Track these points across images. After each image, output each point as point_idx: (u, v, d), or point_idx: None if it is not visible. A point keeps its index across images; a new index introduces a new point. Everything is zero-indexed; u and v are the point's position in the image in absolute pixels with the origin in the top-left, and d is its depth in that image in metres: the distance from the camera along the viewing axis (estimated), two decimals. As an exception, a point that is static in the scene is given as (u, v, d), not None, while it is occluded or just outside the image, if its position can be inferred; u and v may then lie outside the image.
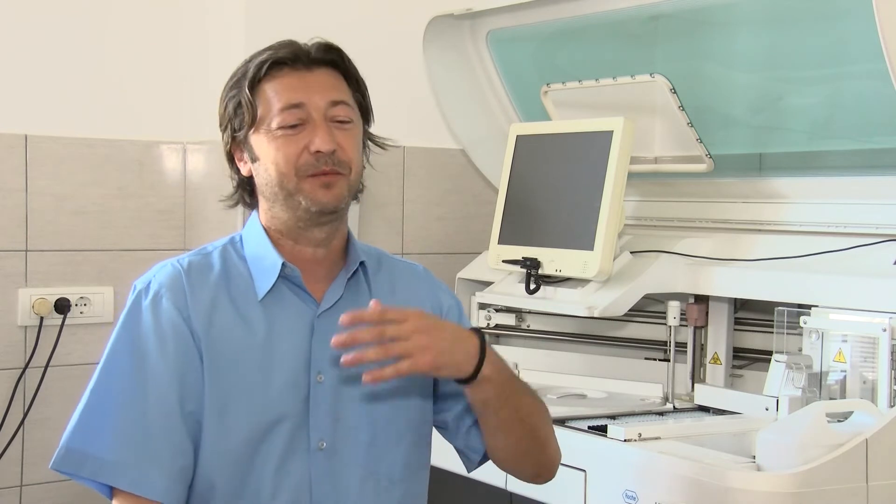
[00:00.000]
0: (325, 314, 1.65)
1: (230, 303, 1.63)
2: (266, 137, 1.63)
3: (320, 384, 1.63)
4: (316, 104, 1.63)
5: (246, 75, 1.65)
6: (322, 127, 1.62)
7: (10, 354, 2.87)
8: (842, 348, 2.16)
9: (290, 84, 1.63)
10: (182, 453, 1.58)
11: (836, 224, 2.38)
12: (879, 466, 1.89)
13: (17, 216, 2.87)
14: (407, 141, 3.24)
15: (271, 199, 1.66)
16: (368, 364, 1.50)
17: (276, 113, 1.62)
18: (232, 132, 1.67)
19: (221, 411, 1.59)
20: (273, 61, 1.64)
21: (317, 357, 1.63)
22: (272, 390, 1.61)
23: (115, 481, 1.56)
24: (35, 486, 2.88)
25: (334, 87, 1.66)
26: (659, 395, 2.58)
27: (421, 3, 3.09)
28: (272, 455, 1.60)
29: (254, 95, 1.64)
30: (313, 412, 1.62)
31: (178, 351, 1.59)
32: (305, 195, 1.61)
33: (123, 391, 1.58)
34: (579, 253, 2.50)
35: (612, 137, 2.48)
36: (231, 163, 1.71)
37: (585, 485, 2.13)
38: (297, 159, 1.61)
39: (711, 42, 2.70)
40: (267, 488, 1.60)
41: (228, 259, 1.68)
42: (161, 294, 1.62)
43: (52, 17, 2.92)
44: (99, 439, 1.57)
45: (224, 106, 1.68)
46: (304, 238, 1.67)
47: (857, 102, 2.45)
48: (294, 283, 1.65)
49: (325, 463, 1.62)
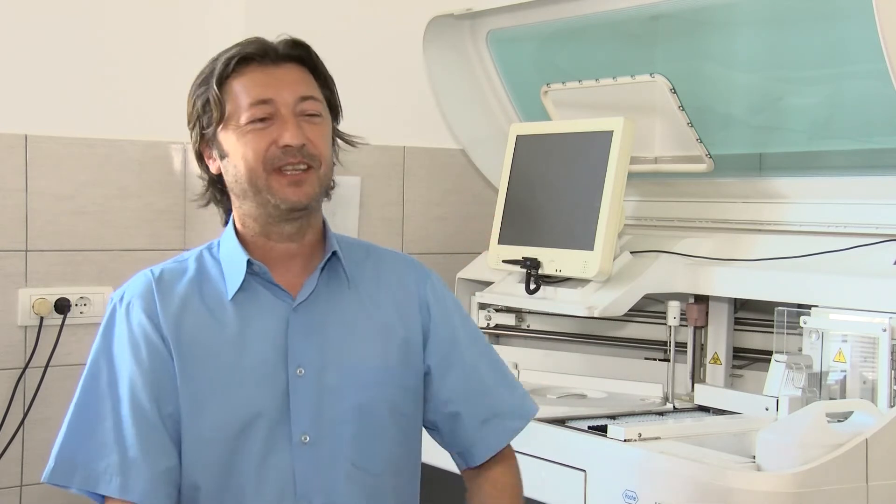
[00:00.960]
0: (301, 307, 1.66)
1: (202, 304, 1.65)
2: (235, 133, 1.63)
3: (301, 377, 1.63)
4: (284, 99, 1.63)
5: (213, 72, 1.65)
6: (290, 121, 1.62)
7: (10, 354, 2.87)
8: (842, 348, 2.16)
9: (258, 80, 1.64)
10: (165, 454, 1.60)
11: (836, 224, 2.38)
12: (879, 466, 1.89)
13: (17, 216, 2.87)
14: (407, 141, 3.24)
15: (241, 196, 1.66)
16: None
17: (244, 108, 1.62)
18: (200, 129, 1.67)
19: (196, 411, 1.61)
20: (241, 57, 1.64)
21: (295, 350, 1.64)
22: (246, 387, 1.62)
23: (105, 489, 1.58)
24: (35, 486, 2.87)
25: (302, 82, 1.66)
26: (659, 395, 2.58)
27: (421, 3, 3.09)
28: (252, 451, 1.61)
29: (222, 92, 1.64)
30: (294, 406, 1.62)
31: (150, 356, 1.62)
32: (274, 193, 1.62)
33: (103, 399, 1.62)
34: (579, 253, 2.49)
35: (612, 137, 2.48)
36: (200, 161, 1.72)
37: (585, 485, 2.13)
38: (266, 152, 1.61)
39: (711, 42, 2.70)
40: (250, 484, 1.61)
41: (203, 263, 1.70)
42: (132, 303, 1.66)
43: (51, 17, 2.92)
44: (85, 449, 1.60)
45: (192, 104, 1.68)
46: (274, 233, 1.67)
47: (857, 102, 2.45)
48: (265, 279, 1.66)
49: (310, 456, 1.63)
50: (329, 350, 1.66)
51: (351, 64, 3.14)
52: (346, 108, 1.82)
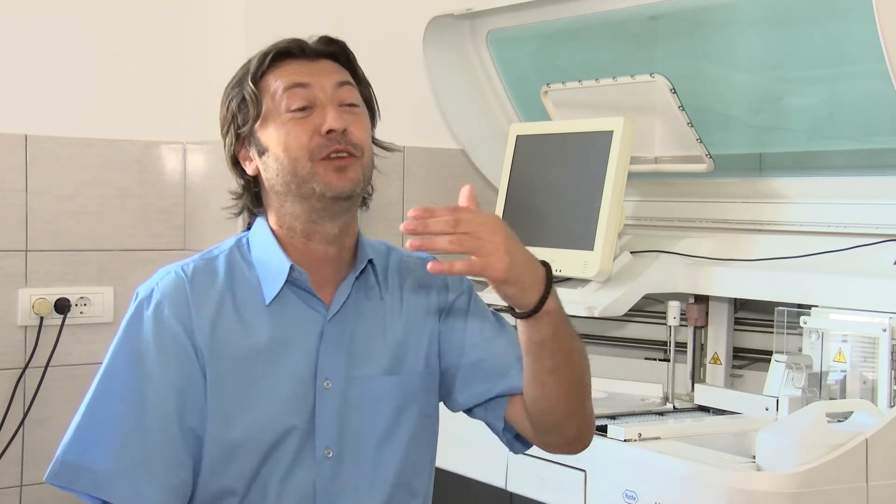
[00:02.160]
0: (334, 318, 1.62)
1: (234, 310, 1.59)
2: (274, 125, 1.59)
3: (327, 390, 1.59)
4: (322, 85, 1.60)
5: (248, 71, 1.62)
6: (331, 106, 1.59)
7: (10, 354, 2.87)
8: (842, 348, 2.16)
9: (294, 71, 1.61)
10: (180, 467, 1.54)
11: (836, 224, 2.38)
12: (879, 466, 1.89)
13: (17, 216, 2.87)
14: (407, 141, 3.23)
15: (283, 192, 1.60)
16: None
17: (282, 97, 1.59)
18: (236, 129, 1.62)
19: (227, 422, 1.55)
20: (276, 52, 1.62)
21: (324, 363, 1.60)
22: (280, 400, 1.57)
23: (110, 495, 1.52)
24: (35, 486, 2.87)
25: (339, 71, 1.64)
26: (659, 395, 2.58)
27: (421, 3, 3.09)
28: (280, 464, 1.57)
29: (258, 89, 1.61)
30: (319, 420, 1.58)
31: (179, 364, 1.55)
32: (319, 180, 1.56)
33: (121, 403, 1.54)
34: (579, 253, 2.49)
35: (612, 137, 2.48)
36: (235, 166, 1.66)
37: (585, 485, 2.13)
38: (309, 142, 1.57)
39: (711, 42, 2.70)
40: (271, 497, 1.57)
41: (234, 264, 1.63)
42: (163, 304, 1.57)
43: (52, 17, 2.92)
44: (94, 451, 1.53)
45: (227, 106, 1.64)
46: (317, 234, 1.62)
47: (857, 102, 2.45)
48: (301, 288, 1.61)
49: (331, 470, 1.59)
50: (353, 363, 1.62)
51: (351, 64, 3.14)
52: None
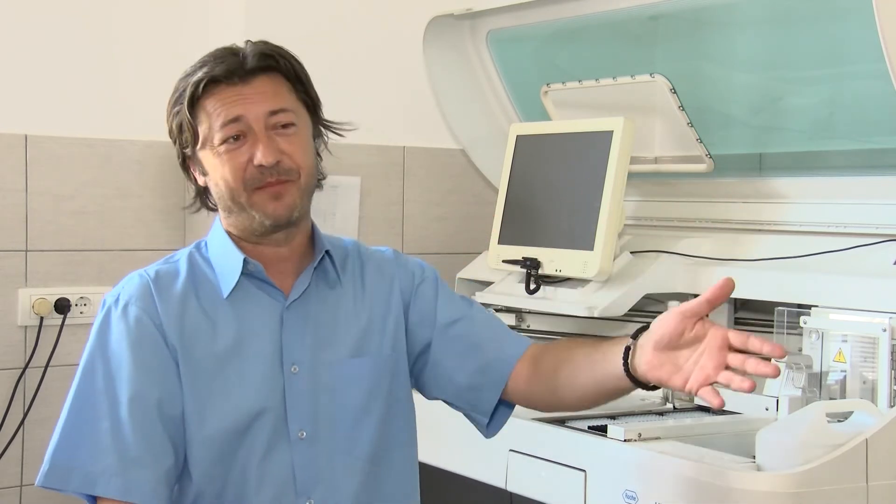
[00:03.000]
0: (294, 305, 1.69)
1: (199, 307, 1.67)
2: (211, 153, 1.66)
3: (295, 375, 1.66)
4: (255, 115, 1.63)
5: (184, 94, 1.66)
6: (262, 139, 1.63)
7: (10, 354, 2.87)
8: (842, 348, 2.15)
9: (227, 99, 1.64)
10: (166, 455, 1.60)
11: (836, 224, 2.38)
12: (879, 466, 1.89)
13: (17, 216, 2.87)
14: (407, 141, 3.24)
15: (227, 210, 1.70)
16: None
17: (216, 129, 1.64)
18: (181, 147, 1.70)
19: (201, 413, 1.62)
20: (208, 80, 1.64)
21: (288, 349, 1.67)
22: (249, 385, 1.64)
23: (104, 490, 1.57)
24: (35, 487, 2.87)
25: (273, 95, 1.66)
26: (659, 395, 2.57)
27: (421, 3, 3.09)
28: (256, 447, 1.63)
29: (194, 115, 1.65)
30: (290, 403, 1.65)
31: (154, 357, 1.62)
32: (258, 209, 1.65)
33: (101, 401, 1.60)
34: (579, 253, 2.50)
35: (612, 137, 2.48)
36: (186, 172, 1.74)
37: (585, 485, 2.13)
38: (244, 172, 1.64)
39: (711, 42, 2.70)
40: (251, 481, 1.63)
41: (194, 263, 1.71)
42: (131, 304, 1.65)
43: (52, 17, 2.92)
44: (81, 451, 1.59)
45: (170, 122, 1.70)
46: (265, 240, 1.70)
47: (857, 102, 2.45)
48: (258, 279, 1.68)
49: (308, 451, 1.65)
50: (321, 348, 1.69)
51: (350, 64, 3.14)
52: (346, 108, 1.82)
